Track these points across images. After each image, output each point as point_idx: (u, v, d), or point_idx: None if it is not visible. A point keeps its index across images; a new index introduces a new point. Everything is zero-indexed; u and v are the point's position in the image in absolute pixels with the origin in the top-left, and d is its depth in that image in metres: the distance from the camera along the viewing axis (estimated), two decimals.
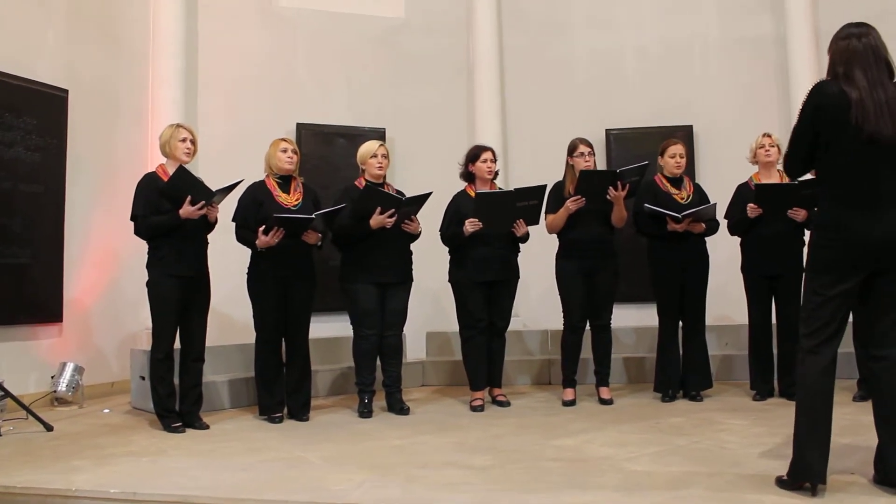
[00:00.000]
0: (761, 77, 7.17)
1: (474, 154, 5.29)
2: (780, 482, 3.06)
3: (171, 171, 4.58)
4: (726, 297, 5.87)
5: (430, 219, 5.26)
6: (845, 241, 2.95)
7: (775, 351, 5.22)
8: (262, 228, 4.71)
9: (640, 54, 7.51)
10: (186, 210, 4.47)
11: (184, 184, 4.49)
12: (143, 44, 6.62)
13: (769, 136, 5.28)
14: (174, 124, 4.80)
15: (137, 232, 4.64)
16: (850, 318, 3.09)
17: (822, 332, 2.99)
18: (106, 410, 5.38)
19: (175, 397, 4.68)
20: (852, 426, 3.99)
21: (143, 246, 4.69)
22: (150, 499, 3.25)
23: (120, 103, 6.45)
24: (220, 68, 6.89)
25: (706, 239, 5.34)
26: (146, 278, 4.64)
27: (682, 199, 5.28)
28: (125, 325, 6.28)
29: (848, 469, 3.26)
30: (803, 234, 5.06)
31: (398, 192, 5.18)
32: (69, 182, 5.89)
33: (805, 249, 4.11)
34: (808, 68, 6.72)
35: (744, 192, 5.28)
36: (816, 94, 3.01)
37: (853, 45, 3.00)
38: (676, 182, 5.34)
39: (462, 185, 5.36)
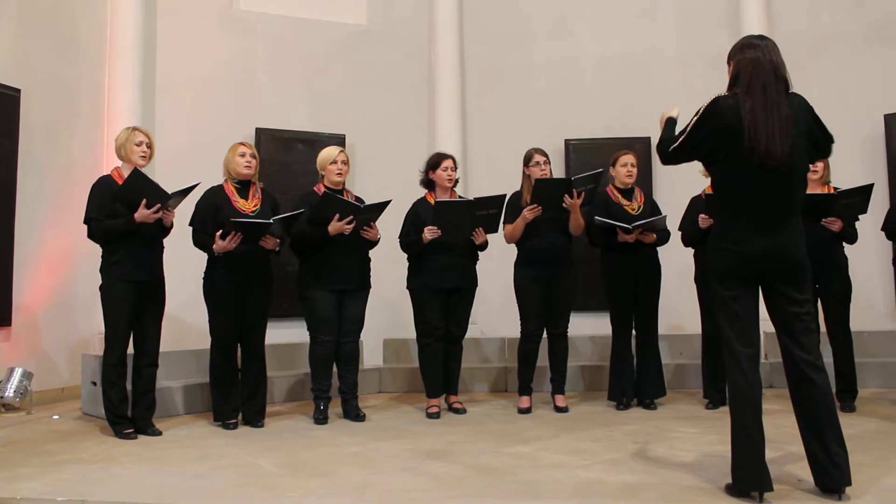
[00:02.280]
0: (717, 91, 7.23)
1: (435, 162, 5.31)
2: (730, 489, 3.12)
3: (126, 174, 4.52)
4: (680, 307, 5.97)
5: (388, 226, 5.27)
6: (737, 253, 3.07)
7: None
8: (219, 233, 4.68)
9: (600, 66, 7.61)
10: (141, 214, 4.42)
11: (139, 187, 4.43)
12: (100, 46, 6.54)
13: None
14: (130, 127, 4.75)
15: (91, 235, 4.58)
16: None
17: (737, 338, 3.08)
18: (55, 417, 5.28)
19: (127, 403, 4.61)
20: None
21: (96, 249, 4.63)
22: None
23: (76, 105, 6.35)
24: (178, 72, 6.82)
25: (658, 249, 5.41)
26: (100, 282, 4.57)
27: (633, 210, 5.35)
28: (77, 330, 6.17)
29: (794, 476, 3.33)
30: None
31: (357, 198, 5.18)
32: (20, 183, 5.79)
33: None
34: None
35: (697, 204, 5.37)
36: (719, 107, 3.08)
37: (759, 61, 3.09)
38: (627, 193, 5.41)
39: (422, 192, 5.37)
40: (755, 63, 3.09)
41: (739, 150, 3.02)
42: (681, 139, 3.18)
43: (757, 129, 2.98)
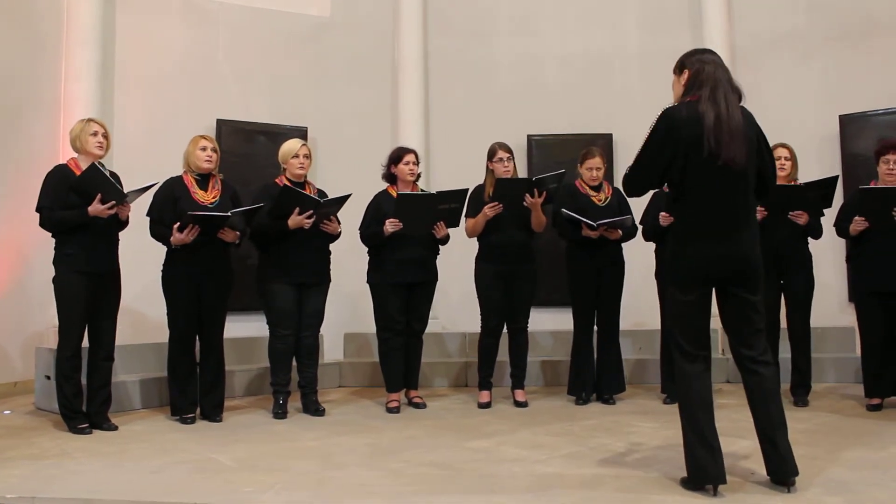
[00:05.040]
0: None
1: (397, 156, 5.30)
2: (685, 483, 3.16)
3: (83, 165, 4.46)
4: (641, 303, 6.02)
5: (350, 220, 5.25)
6: (695, 258, 3.11)
7: None
8: (176, 226, 4.62)
9: (563, 63, 7.64)
10: (95, 208, 4.35)
11: (95, 181, 4.36)
12: (57, 33, 6.38)
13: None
14: (85, 119, 4.67)
15: (42, 224, 4.50)
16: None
17: (691, 338, 3.14)
18: (7, 412, 5.18)
19: (82, 397, 4.55)
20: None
21: (51, 241, 4.54)
22: (51, 503, 3.14)
23: (31, 94, 6.20)
24: (137, 62, 6.70)
25: (623, 245, 5.46)
26: (53, 274, 4.49)
27: (600, 201, 5.38)
28: (30, 323, 6.04)
29: (748, 469, 3.39)
30: None
31: (320, 191, 5.15)
32: None
33: None
34: None
35: (658, 200, 5.42)
36: (669, 119, 3.11)
37: (718, 72, 3.13)
38: (595, 186, 5.44)
39: (384, 185, 5.36)
40: (714, 73, 3.12)
41: (696, 158, 3.05)
42: (636, 157, 3.20)
43: (720, 133, 3.01)
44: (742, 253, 3.11)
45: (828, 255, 6.13)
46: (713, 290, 3.19)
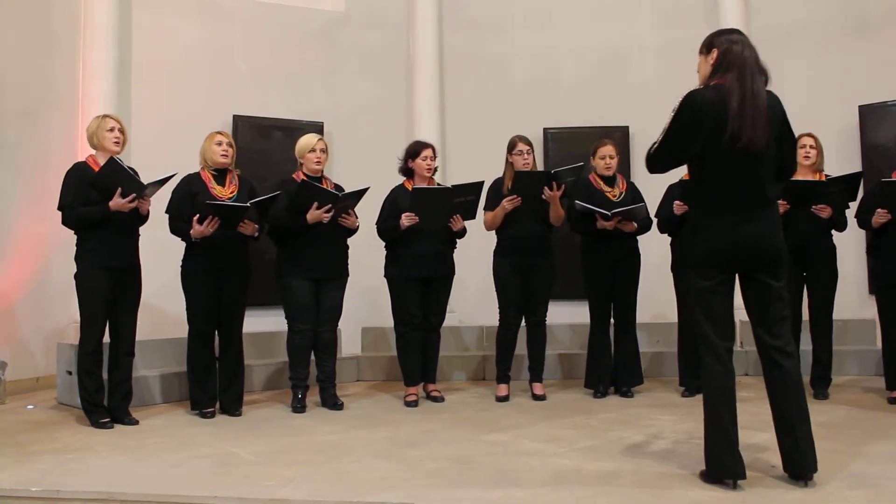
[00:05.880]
0: (695, 81, 7.27)
1: (415, 150, 5.29)
2: (704, 476, 3.15)
3: (102, 161, 4.48)
4: (659, 296, 6.00)
5: (367, 214, 5.26)
6: (716, 243, 3.09)
7: None
8: (196, 218, 4.65)
9: (578, 56, 7.62)
10: (116, 202, 4.38)
11: (114, 175, 4.40)
12: (74, 32, 6.44)
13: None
14: (101, 115, 4.71)
15: (65, 222, 4.53)
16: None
17: (714, 327, 3.11)
18: (30, 406, 5.24)
19: (103, 392, 4.59)
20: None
21: (72, 237, 4.58)
22: (74, 496, 3.17)
23: (50, 92, 6.26)
24: (154, 59, 6.74)
25: (638, 238, 5.44)
26: (75, 270, 4.53)
27: (615, 196, 5.37)
28: (52, 319, 6.11)
29: (767, 462, 3.37)
30: None
31: (336, 186, 5.16)
32: None
33: None
34: None
35: (674, 192, 5.40)
36: (694, 101, 3.10)
37: (745, 53, 3.10)
38: (609, 180, 5.42)
39: (400, 179, 5.36)
40: (742, 54, 3.10)
41: (719, 141, 3.03)
42: (660, 138, 3.19)
43: (743, 116, 2.99)
44: (762, 237, 3.08)
45: (849, 247, 6.08)
46: (735, 277, 3.16)
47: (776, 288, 3.12)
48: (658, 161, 3.25)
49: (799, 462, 3.06)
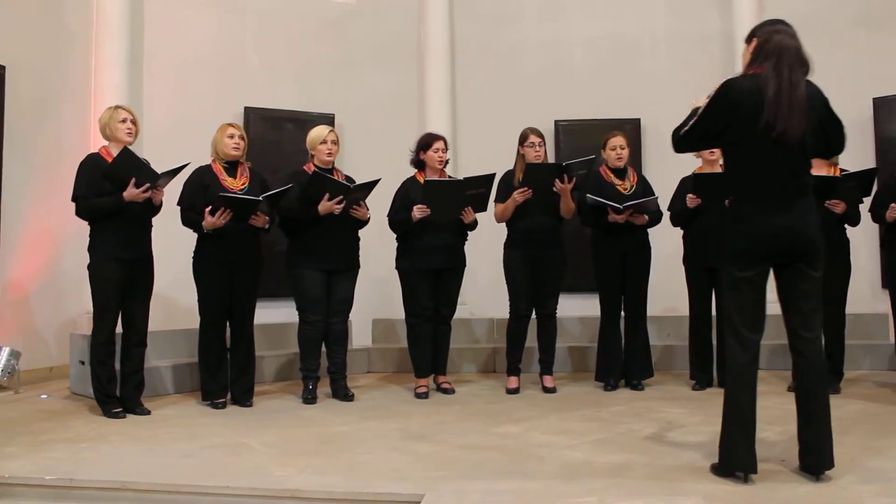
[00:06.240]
0: (707, 73, 7.22)
1: (426, 142, 5.29)
2: (716, 469, 3.15)
3: (114, 152, 4.50)
4: (671, 289, 5.98)
5: (378, 206, 5.26)
6: (754, 233, 3.06)
7: (714, 342, 5.32)
8: (208, 209, 4.66)
9: (590, 47, 7.58)
10: (130, 193, 4.40)
11: (128, 166, 4.41)
12: (86, 23, 6.44)
13: None
14: (113, 106, 4.72)
15: (79, 213, 4.55)
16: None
17: (746, 318, 3.09)
18: (43, 396, 5.27)
19: (116, 382, 4.61)
20: (785, 415, 4.09)
21: (85, 228, 4.60)
22: (87, 485, 3.20)
23: (63, 82, 6.28)
24: (166, 50, 6.76)
25: (649, 231, 5.42)
26: (88, 261, 4.55)
27: (626, 189, 5.35)
28: (65, 309, 6.15)
29: (778, 457, 3.36)
30: None
31: (347, 177, 5.16)
32: (6, 161, 5.73)
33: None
34: None
35: (687, 185, 5.37)
36: (730, 90, 3.08)
37: (786, 42, 3.08)
38: (620, 173, 5.41)
39: (411, 171, 5.36)
40: (782, 43, 3.07)
41: (754, 131, 3.01)
42: (691, 122, 3.18)
43: (779, 105, 2.97)
44: (798, 226, 3.05)
45: (861, 241, 6.04)
46: (770, 270, 3.13)
47: (814, 277, 3.10)
48: (688, 141, 3.24)
49: (816, 457, 3.05)
